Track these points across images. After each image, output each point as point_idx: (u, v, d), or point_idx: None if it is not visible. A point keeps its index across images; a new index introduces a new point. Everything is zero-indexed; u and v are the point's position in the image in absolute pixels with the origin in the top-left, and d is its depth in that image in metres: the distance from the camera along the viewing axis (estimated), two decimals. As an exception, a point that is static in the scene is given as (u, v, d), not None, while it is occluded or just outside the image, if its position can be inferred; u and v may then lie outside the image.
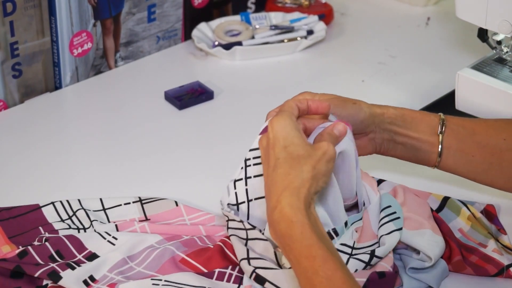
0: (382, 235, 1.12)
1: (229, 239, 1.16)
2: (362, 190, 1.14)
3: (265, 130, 1.08)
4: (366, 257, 1.09)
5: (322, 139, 1.05)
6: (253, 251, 1.11)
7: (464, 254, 1.16)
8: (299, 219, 0.97)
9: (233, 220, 1.13)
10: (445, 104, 1.47)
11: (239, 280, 1.13)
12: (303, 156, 1.00)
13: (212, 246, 1.17)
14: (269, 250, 1.12)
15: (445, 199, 1.25)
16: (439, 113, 1.20)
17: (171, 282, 1.11)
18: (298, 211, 0.97)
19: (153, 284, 1.10)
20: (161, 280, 1.11)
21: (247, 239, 1.12)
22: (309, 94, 1.18)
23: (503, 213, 1.27)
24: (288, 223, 0.97)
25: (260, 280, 1.09)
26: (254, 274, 1.09)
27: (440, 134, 1.18)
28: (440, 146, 1.18)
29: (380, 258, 1.10)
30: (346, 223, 1.11)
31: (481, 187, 1.29)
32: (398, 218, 1.13)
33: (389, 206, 1.15)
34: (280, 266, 1.11)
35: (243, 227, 1.13)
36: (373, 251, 1.09)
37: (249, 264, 1.10)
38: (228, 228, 1.14)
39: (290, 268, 1.08)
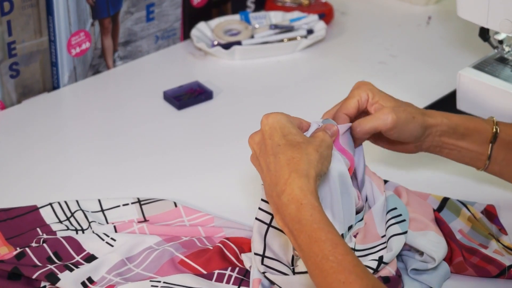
0: (390, 237, 1.11)
1: (229, 240, 1.17)
2: (367, 186, 1.14)
3: None
4: (374, 264, 1.08)
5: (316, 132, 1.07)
6: (269, 249, 1.10)
7: (465, 255, 1.16)
8: (309, 201, 0.97)
9: (266, 201, 1.11)
10: (446, 104, 1.47)
11: (238, 282, 1.12)
12: (303, 142, 1.02)
13: (211, 247, 1.17)
14: (289, 250, 1.10)
15: (445, 200, 1.25)
16: (492, 118, 1.20)
17: (170, 283, 1.10)
18: (308, 193, 0.98)
19: (152, 286, 1.10)
20: (160, 281, 1.11)
21: (269, 225, 1.10)
22: (371, 88, 1.18)
23: (504, 213, 1.26)
24: (298, 206, 0.97)
25: (269, 279, 1.08)
26: (263, 274, 1.08)
27: (490, 143, 1.19)
28: (488, 155, 1.19)
29: (386, 263, 1.10)
30: (350, 227, 1.11)
31: (482, 187, 1.29)
32: (404, 220, 1.13)
33: (395, 208, 1.14)
34: (293, 268, 1.10)
35: (271, 211, 1.11)
36: (381, 257, 1.09)
37: (262, 262, 1.09)
38: (259, 208, 1.11)
39: (302, 273, 1.08)
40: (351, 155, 1.13)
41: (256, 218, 1.11)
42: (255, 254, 1.10)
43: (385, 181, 1.23)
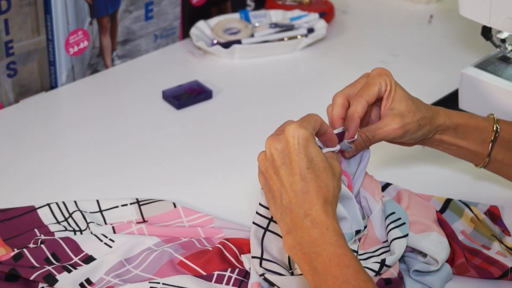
0: (391, 241, 1.11)
1: (228, 241, 1.16)
2: (362, 202, 1.15)
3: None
4: (376, 266, 1.09)
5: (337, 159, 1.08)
6: (267, 252, 1.10)
7: (468, 257, 1.16)
8: (335, 227, 0.98)
9: (264, 206, 1.11)
10: (448, 103, 1.46)
11: (238, 283, 1.12)
12: (328, 171, 1.01)
13: (211, 249, 1.16)
14: (285, 254, 1.10)
15: (448, 201, 1.25)
16: (493, 116, 1.19)
17: (169, 285, 1.10)
18: (333, 220, 0.98)
19: (151, 287, 1.10)
20: (159, 283, 1.10)
21: (266, 229, 1.10)
22: (391, 79, 1.15)
23: (508, 214, 1.26)
24: (323, 230, 0.97)
25: (268, 281, 1.08)
26: (262, 277, 1.08)
27: (491, 143, 1.18)
28: (488, 154, 1.19)
29: (390, 267, 1.10)
30: (358, 231, 1.11)
31: (484, 188, 1.28)
32: (404, 224, 1.13)
33: (393, 213, 1.14)
34: (292, 271, 1.10)
35: (269, 216, 1.11)
36: (383, 260, 1.09)
37: (260, 265, 1.08)
38: (256, 212, 1.11)
39: (301, 274, 1.07)
40: (348, 173, 1.13)
41: (253, 223, 1.10)
42: (253, 257, 1.09)
43: (388, 184, 1.23)
